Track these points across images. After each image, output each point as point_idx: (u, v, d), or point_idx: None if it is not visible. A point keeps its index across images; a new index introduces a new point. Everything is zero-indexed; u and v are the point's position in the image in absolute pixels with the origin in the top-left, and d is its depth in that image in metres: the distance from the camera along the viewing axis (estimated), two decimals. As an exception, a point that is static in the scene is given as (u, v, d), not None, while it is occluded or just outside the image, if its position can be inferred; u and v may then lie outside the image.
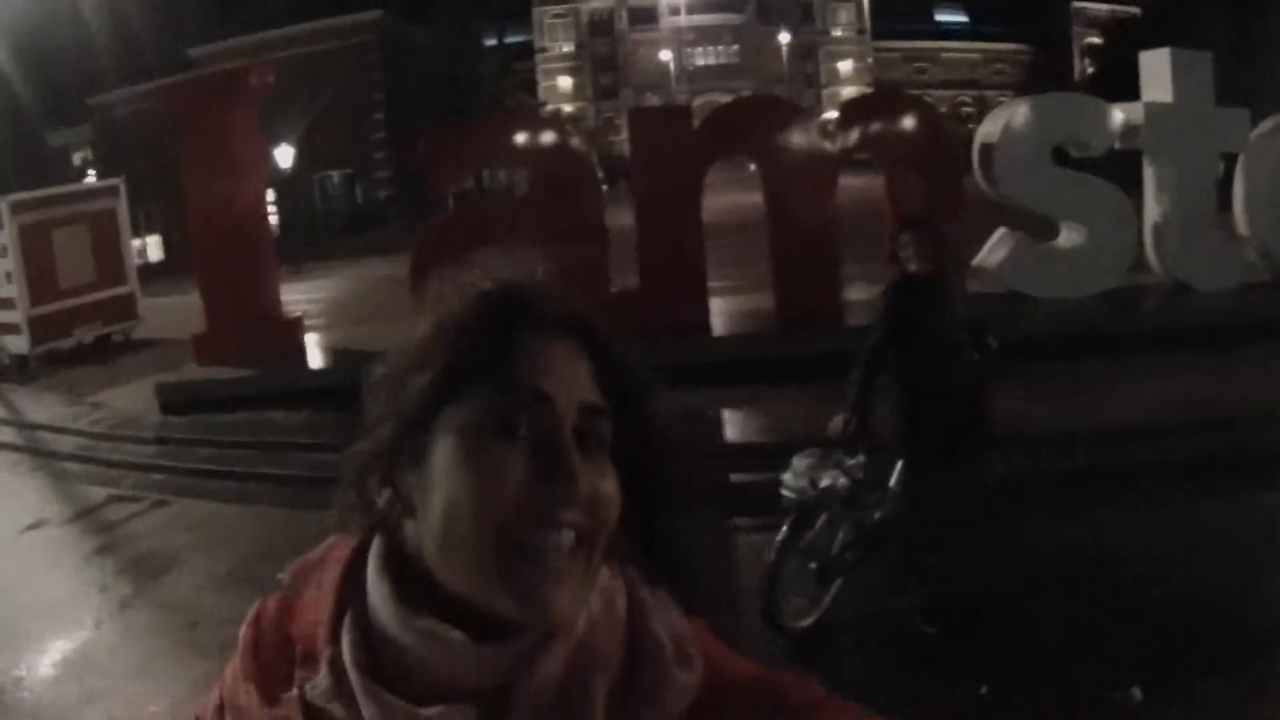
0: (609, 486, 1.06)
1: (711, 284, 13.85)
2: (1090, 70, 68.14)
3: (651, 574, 1.15)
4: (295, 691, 1.10)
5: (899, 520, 6.41)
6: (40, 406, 15.62)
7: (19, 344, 19.19)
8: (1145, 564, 6.96)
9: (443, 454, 1.04)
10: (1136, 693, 3.99)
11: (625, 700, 1.04)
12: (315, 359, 14.47)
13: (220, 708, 1.24)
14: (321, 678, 1.08)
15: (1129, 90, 13.91)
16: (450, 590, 1.04)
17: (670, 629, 1.10)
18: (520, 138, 14.13)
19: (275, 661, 1.15)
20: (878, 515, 6.47)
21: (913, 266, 6.31)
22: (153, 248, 42.55)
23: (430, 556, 1.05)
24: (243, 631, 1.22)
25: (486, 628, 1.03)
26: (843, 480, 6.21)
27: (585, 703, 1.03)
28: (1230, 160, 13.43)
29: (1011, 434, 8.24)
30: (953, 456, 6.18)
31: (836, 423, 6.25)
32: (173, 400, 13.48)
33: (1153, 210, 13.38)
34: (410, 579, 1.07)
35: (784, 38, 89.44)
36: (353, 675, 1.06)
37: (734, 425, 10.61)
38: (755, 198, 14.16)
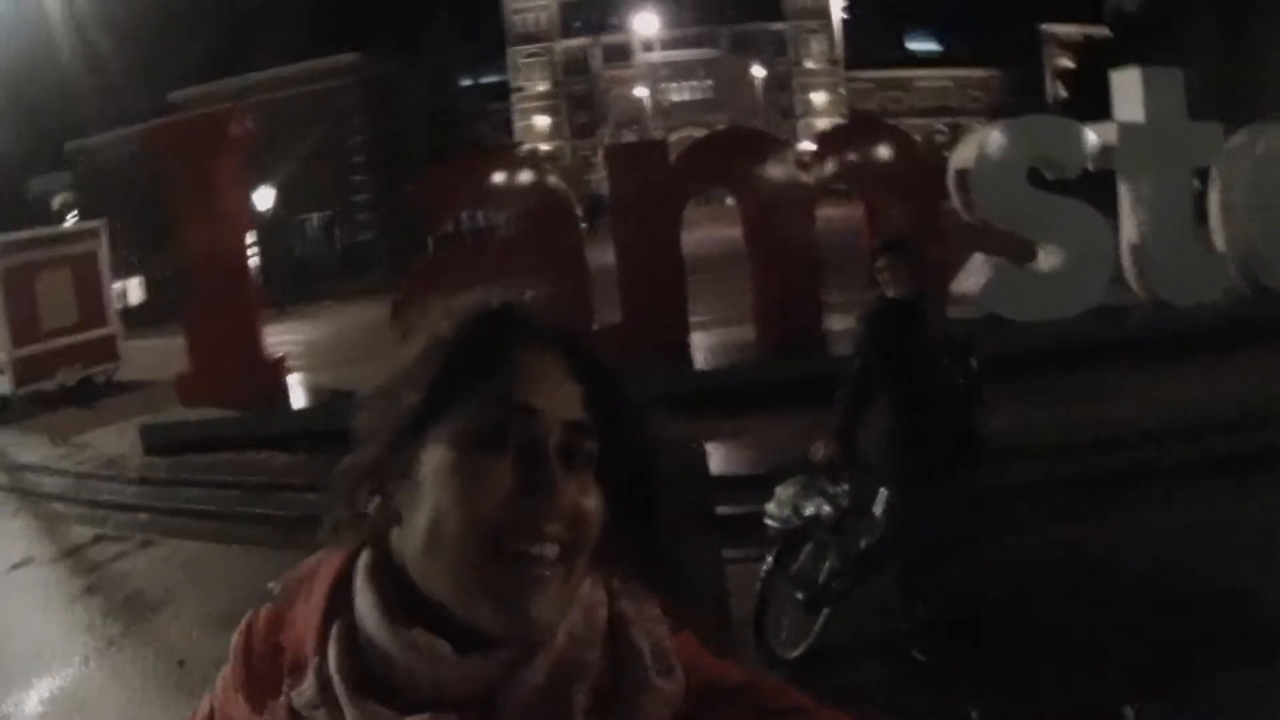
0: (592, 502, 1.09)
1: (693, 317, 13.89)
2: (1063, 93, 68.50)
3: (640, 586, 1.17)
4: (283, 699, 1.12)
5: (886, 546, 6.41)
6: (24, 447, 15.57)
7: (2, 385, 19.14)
8: (1139, 574, 6.99)
9: (431, 465, 1.07)
10: (1129, 713, 4.01)
11: (606, 709, 1.06)
12: (298, 400, 14.44)
13: (211, 715, 1.26)
14: (307, 686, 1.10)
15: (1103, 111, 14.04)
16: (434, 600, 1.07)
17: (652, 639, 1.12)
18: (499, 178, 14.16)
19: (265, 670, 1.17)
20: (864, 543, 6.43)
21: (890, 291, 6.30)
22: (134, 290, 42.42)
23: (414, 565, 1.08)
24: (234, 639, 1.24)
25: (470, 638, 1.05)
26: (827, 508, 6.19)
27: (566, 711, 1.05)
28: (1204, 175, 13.55)
29: (1002, 449, 8.32)
30: (940, 478, 6.17)
31: (818, 447, 6.25)
32: (156, 441, 13.47)
33: (1129, 229, 13.47)
34: (397, 590, 1.09)
35: (758, 71, 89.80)
36: (338, 684, 1.08)
37: (719, 456, 10.62)
38: (733, 231, 14.23)
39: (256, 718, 1.16)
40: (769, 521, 6.21)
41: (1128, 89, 13.58)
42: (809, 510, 6.14)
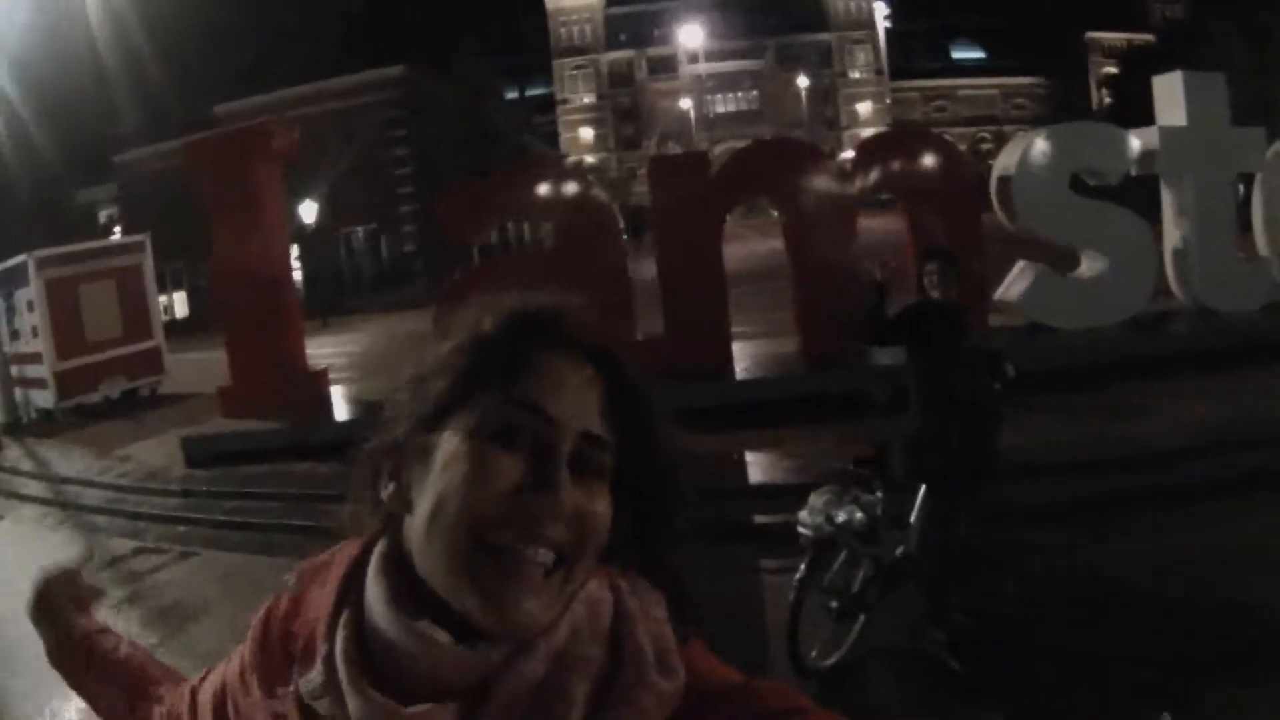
0: (597, 510, 1.10)
1: (735, 328, 13.86)
2: (1108, 99, 68.17)
3: (647, 585, 1.18)
4: (291, 687, 1.15)
5: (920, 554, 6.38)
6: (67, 460, 15.70)
7: (46, 398, 19.33)
8: (1175, 586, 6.88)
9: (444, 451, 1.09)
10: (1166, 718, 3.95)
11: (604, 703, 1.06)
12: (340, 412, 14.50)
13: (222, 688, 1.33)
14: (315, 673, 1.11)
15: (1148, 117, 13.92)
16: (438, 592, 1.08)
17: (655, 639, 1.11)
18: (543, 190, 14.19)
19: (278, 655, 1.22)
20: (898, 551, 6.42)
21: (935, 294, 6.47)
22: (179, 304, 42.90)
23: (415, 552, 1.10)
24: (252, 623, 1.30)
25: (474, 629, 1.06)
26: (860, 516, 6.19)
27: (562, 704, 1.05)
28: (1248, 181, 13.41)
29: (1038, 461, 8.24)
30: (962, 481, 6.25)
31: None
32: (198, 453, 13.54)
33: (1172, 235, 13.40)
34: (407, 581, 1.11)
35: (802, 82, 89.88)
36: (342, 671, 1.09)
37: (758, 466, 10.59)
38: (775, 243, 14.18)
39: (267, 701, 1.20)
40: (802, 530, 6.19)
41: (1170, 94, 13.51)
42: (841, 518, 6.13)
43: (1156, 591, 6.88)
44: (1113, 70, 71.24)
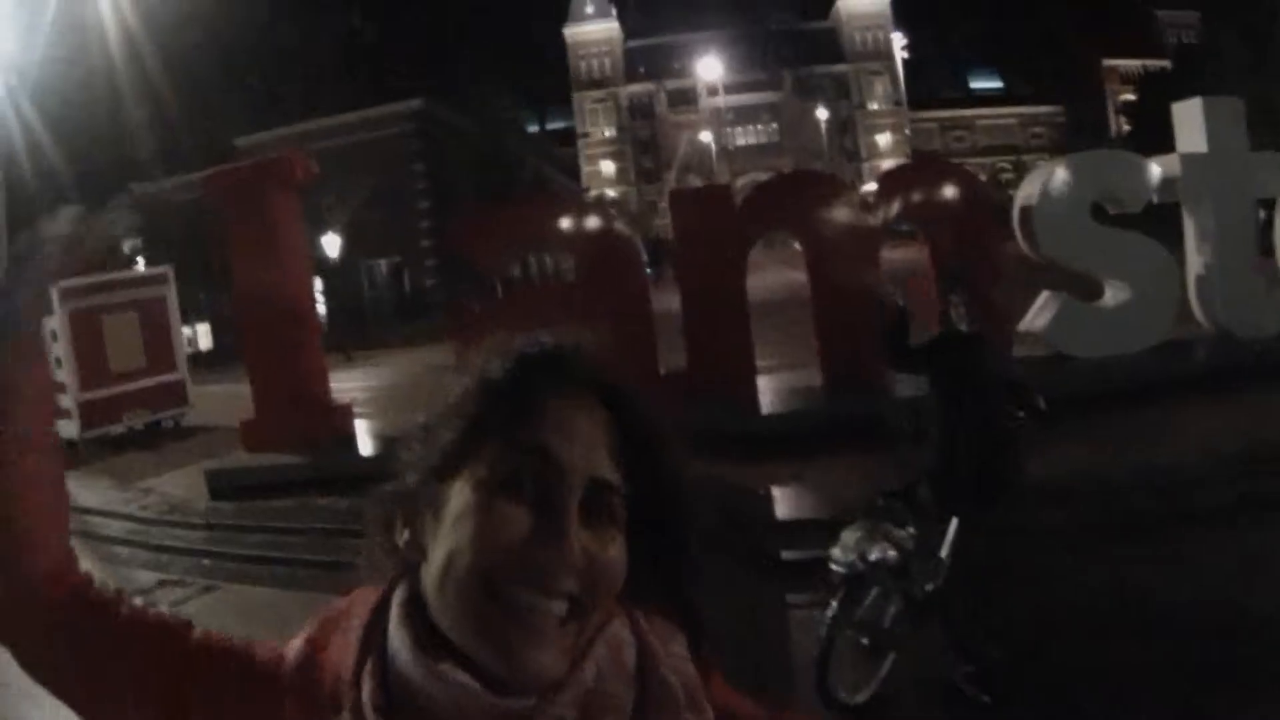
0: (610, 555, 1.10)
1: (758, 360, 13.82)
2: (1126, 126, 68.19)
3: (668, 625, 1.19)
4: None
5: (952, 588, 6.34)
6: (90, 491, 15.69)
7: (69, 429, 19.30)
8: (1203, 610, 6.84)
9: (456, 503, 1.09)
10: None
11: None
12: (364, 445, 14.50)
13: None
14: None
15: (1166, 143, 13.96)
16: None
17: (681, 676, 1.13)
18: (565, 222, 14.22)
19: (295, 708, 1.16)
20: (929, 586, 6.38)
21: (961, 325, 6.52)
22: (202, 336, 43.06)
23: (430, 601, 1.10)
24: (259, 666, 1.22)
25: (495, 675, 1.06)
26: (892, 552, 6.16)
27: None
28: (1268, 205, 13.38)
29: (1064, 486, 8.20)
30: (983, 510, 6.27)
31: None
32: (222, 486, 13.54)
33: (1194, 261, 13.36)
34: (429, 625, 1.10)
35: (822, 113, 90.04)
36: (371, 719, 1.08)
37: (784, 501, 10.55)
38: (796, 274, 14.18)
39: None
40: (834, 566, 6.16)
41: (1189, 120, 13.53)
42: (874, 555, 6.10)
43: (1186, 617, 6.82)
44: (1130, 96, 71.21)
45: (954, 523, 6.33)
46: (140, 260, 50.21)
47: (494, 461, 1.09)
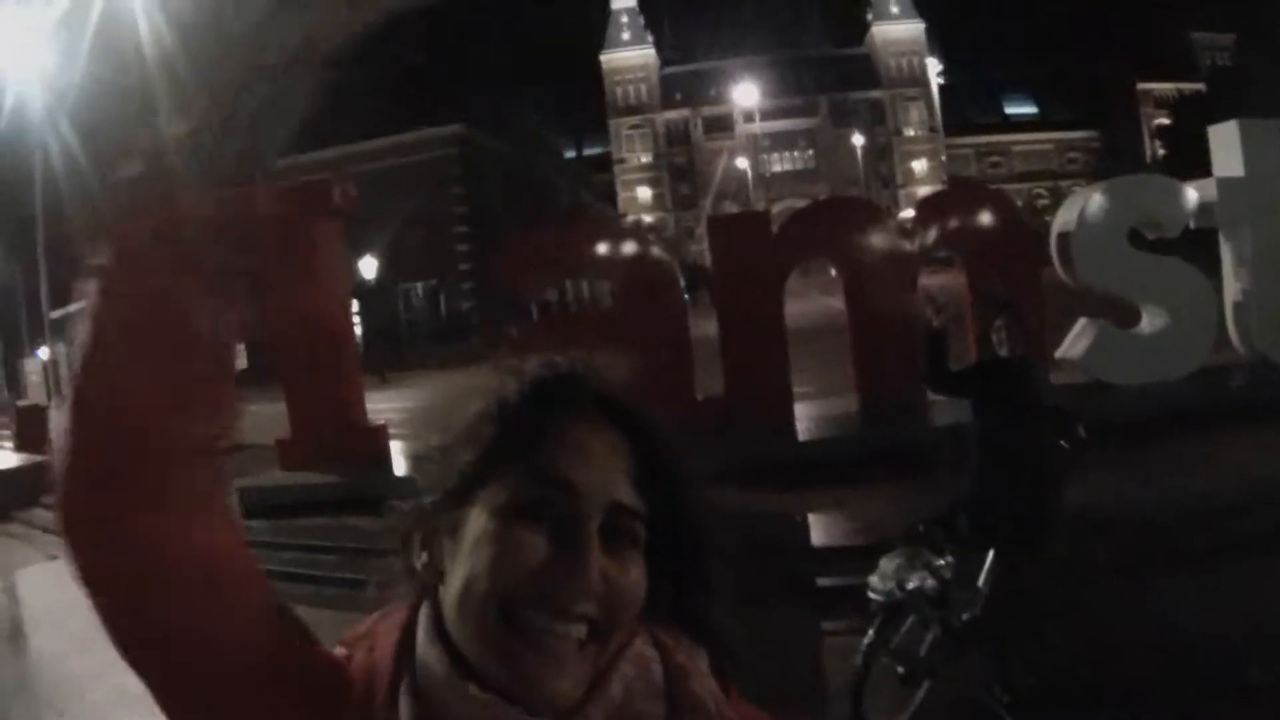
0: (629, 581, 1.09)
1: (796, 387, 13.78)
2: (1161, 150, 67.89)
3: (690, 643, 1.18)
4: None
5: (990, 618, 6.29)
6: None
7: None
8: (1244, 640, 6.71)
9: (473, 528, 1.08)
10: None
11: None
12: (399, 466, 14.53)
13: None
14: None
15: (1202, 167, 13.88)
16: None
17: (709, 691, 1.14)
18: (604, 248, 14.26)
19: None
20: (966, 615, 6.33)
21: (1003, 351, 6.47)
22: (239, 355, 43.40)
23: (449, 624, 1.09)
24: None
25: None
26: (930, 581, 6.11)
27: None
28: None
29: (1103, 516, 8.12)
30: (1025, 541, 6.19)
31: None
32: (256, 504, 13.57)
33: (1232, 287, 13.22)
34: (453, 645, 1.09)
35: (858, 140, 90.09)
36: None
37: (821, 528, 10.51)
38: (834, 301, 14.16)
39: None
40: (871, 594, 6.13)
41: (1226, 144, 13.41)
42: (913, 584, 6.06)
43: (1224, 647, 6.70)
44: (1165, 121, 70.95)
45: (991, 553, 6.28)
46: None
47: (511, 487, 1.08)
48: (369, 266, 41.77)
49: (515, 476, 1.08)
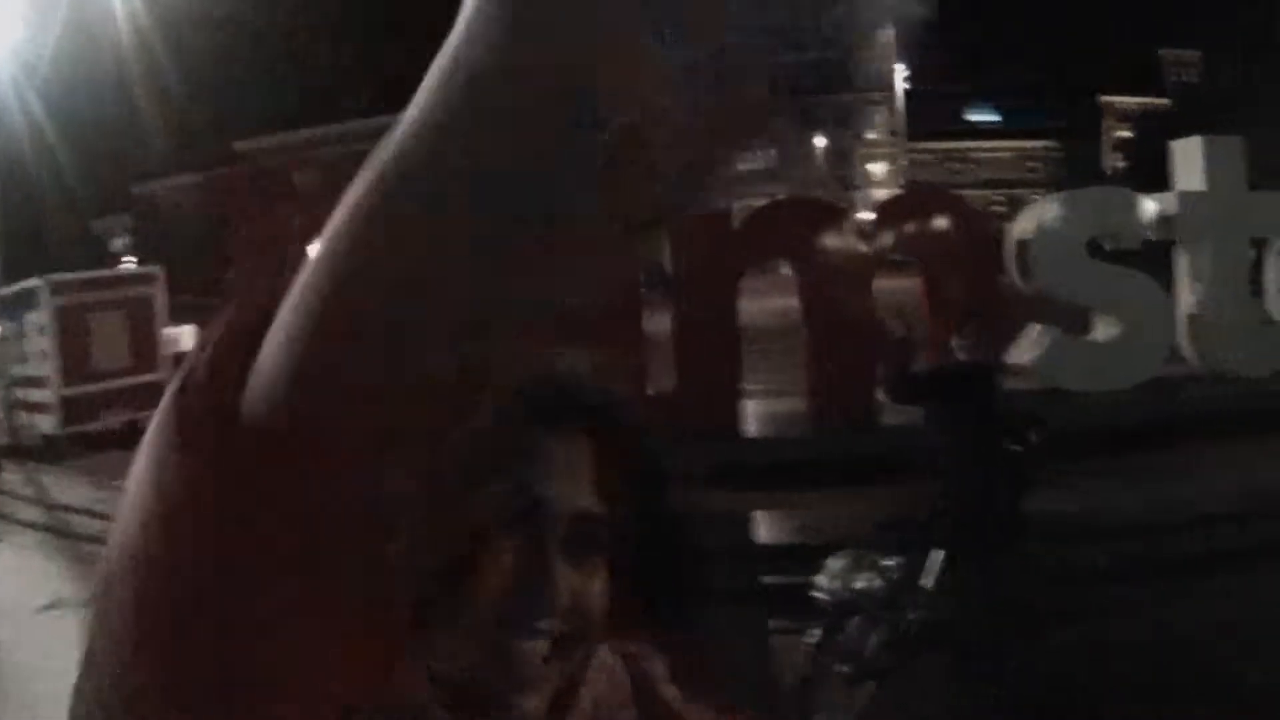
0: (594, 592, 1.06)
1: (746, 386, 13.79)
2: (1120, 163, 68.59)
3: (652, 649, 1.19)
4: None
5: (935, 620, 6.29)
6: (66, 488, 15.57)
7: (49, 424, 19.18)
8: (1213, 659, 6.75)
9: None
10: None
11: None
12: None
13: None
14: None
15: (1160, 181, 14.11)
16: None
17: (677, 698, 1.15)
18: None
19: None
20: (911, 616, 6.32)
21: (963, 355, 6.58)
22: (186, 337, 42.96)
23: None
24: None
25: None
26: (878, 582, 6.12)
27: None
28: (1259, 245, 13.46)
29: (1089, 524, 8.18)
30: (987, 544, 6.21)
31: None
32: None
33: (1186, 299, 13.39)
34: None
35: (820, 142, 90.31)
36: None
37: (767, 527, 10.49)
38: (786, 300, 14.13)
39: None
40: (818, 595, 6.10)
41: (1189, 159, 13.63)
42: (860, 584, 6.05)
43: (1203, 659, 6.77)
44: (1126, 134, 71.62)
45: (941, 555, 6.28)
46: (131, 259, 50.04)
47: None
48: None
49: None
